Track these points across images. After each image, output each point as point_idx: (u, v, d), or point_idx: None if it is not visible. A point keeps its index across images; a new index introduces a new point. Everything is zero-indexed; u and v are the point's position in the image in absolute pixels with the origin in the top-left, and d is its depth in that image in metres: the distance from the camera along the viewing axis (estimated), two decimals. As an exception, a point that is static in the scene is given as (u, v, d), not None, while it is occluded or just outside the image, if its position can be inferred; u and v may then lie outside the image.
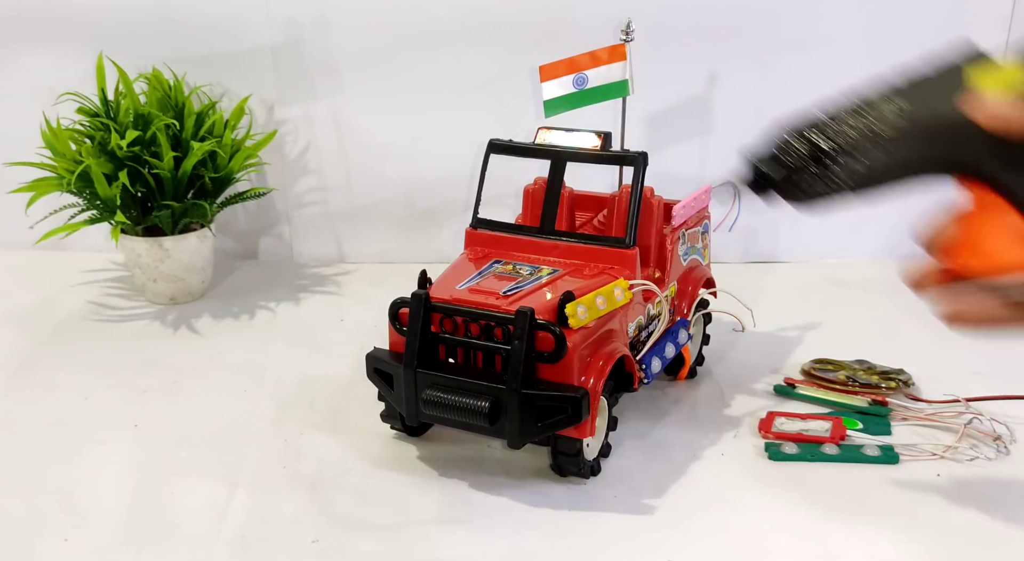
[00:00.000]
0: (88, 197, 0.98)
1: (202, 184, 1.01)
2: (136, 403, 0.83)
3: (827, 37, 1.08)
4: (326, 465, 0.74)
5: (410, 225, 1.17)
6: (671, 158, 1.10)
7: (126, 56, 1.04)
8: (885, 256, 1.13)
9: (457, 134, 1.10)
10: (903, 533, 0.65)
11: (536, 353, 0.66)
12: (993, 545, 0.64)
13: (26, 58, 1.11)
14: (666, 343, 0.78)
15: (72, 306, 1.03)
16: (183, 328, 0.98)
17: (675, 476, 0.72)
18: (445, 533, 0.66)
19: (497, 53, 1.09)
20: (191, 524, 0.67)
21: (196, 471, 0.73)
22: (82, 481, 0.72)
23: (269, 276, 1.13)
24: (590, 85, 0.83)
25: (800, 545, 0.64)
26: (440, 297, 0.70)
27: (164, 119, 0.97)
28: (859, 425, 0.77)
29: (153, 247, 1.00)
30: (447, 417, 0.67)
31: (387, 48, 1.09)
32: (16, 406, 0.83)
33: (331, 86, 1.11)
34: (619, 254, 0.75)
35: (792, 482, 0.71)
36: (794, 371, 0.87)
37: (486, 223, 0.80)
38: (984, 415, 0.77)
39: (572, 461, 0.70)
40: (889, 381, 0.83)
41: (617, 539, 0.65)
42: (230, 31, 1.09)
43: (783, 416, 0.78)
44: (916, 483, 0.71)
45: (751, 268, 1.15)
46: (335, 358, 0.90)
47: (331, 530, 0.66)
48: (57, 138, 0.98)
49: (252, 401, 0.84)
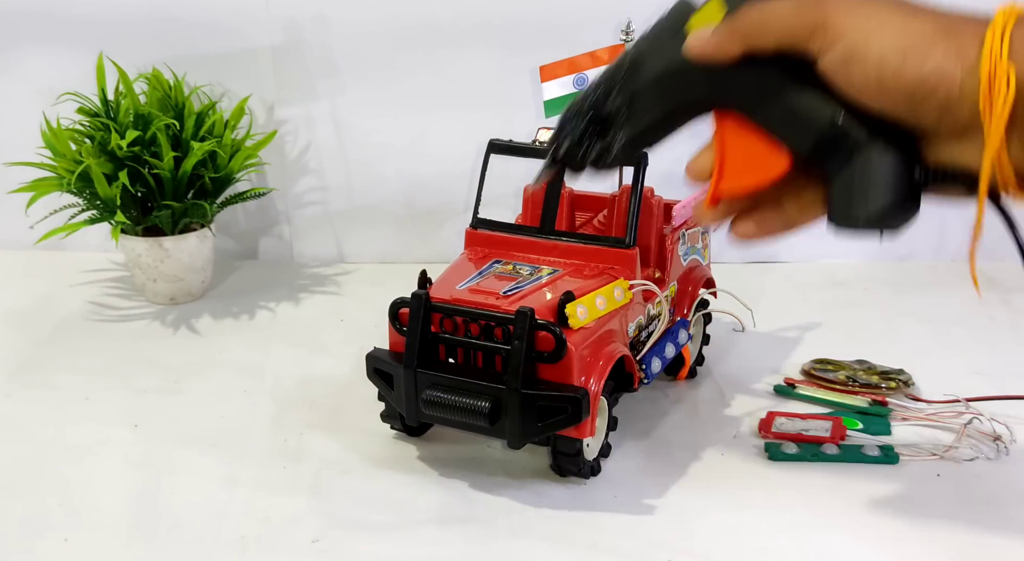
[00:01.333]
0: (88, 197, 0.98)
1: (202, 184, 1.01)
2: (136, 403, 0.83)
3: None
4: (326, 465, 0.74)
5: (410, 225, 1.17)
6: (671, 158, 1.10)
7: (126, 56, 1.04)
8: (885, 256, 1.13)
9: (457, 134, 1.10)
10: (903, 533, 0.65)
11: (536, 353, 0.66)
12: (993, 545, 0.64)
13: (26, 58, 1.11)
14: (666, 343, 0.78)
15: (72, 306, 1.03)
16: (183, 328, 0.98)
17: (675, 476, 0.72)
18: (445, 533, 0.66)
19: (497, 53, 1.09)
20: (191, 524, 0.67)
21: (196, 471, 0.73)
22: (82, 481, 0.72)
23: (269, 276, 1.13)
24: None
25: (800, 545, 0.64)
26: (440, 297, 0.70)
27: (164, 119, 0.97)
28: (859, 425, 0.77)
29: (153, 247, 1.00)
30: (447, 417, 0.67)
31: (387, 48, 1.09)
32: (16, 406, 0.83)
33: (331, 86, 1.11)
34: (619, 254, 0.75)
35: (792, 482, 0.71)
36: (794, 371, 0.87)
37: (486, 223, 0.80)
38: (984, 415, 0.77)
39: (572, 461, 0.70)
40: (889, 381, 0.83)
41: (617, 539, 0.65)
42: (230, 31, 1.09)
43: (783, 416, 0.78)
44: (916, 483, 0.71)
45: (751, 268, 1.15)
46: (335, 358, 0.90)
47: (331, 530, 0.66)
48: (57, 138, 0.98)
49: (252, 401, 0.84)
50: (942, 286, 1.08)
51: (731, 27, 0.49)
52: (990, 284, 1.06)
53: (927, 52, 0.44)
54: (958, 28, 0.45)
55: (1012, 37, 0.43)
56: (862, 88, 0.46)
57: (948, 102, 0.44)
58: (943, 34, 0.45)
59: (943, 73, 0.44)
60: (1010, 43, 0.43)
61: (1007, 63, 0.43)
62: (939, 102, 0.44)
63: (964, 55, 0.44)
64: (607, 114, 0.53)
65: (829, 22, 0.46)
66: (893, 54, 0.45)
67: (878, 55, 0.45)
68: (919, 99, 0.45)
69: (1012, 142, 0.44)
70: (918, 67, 0.44)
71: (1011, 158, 0.44)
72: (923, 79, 0.44)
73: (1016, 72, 0.43)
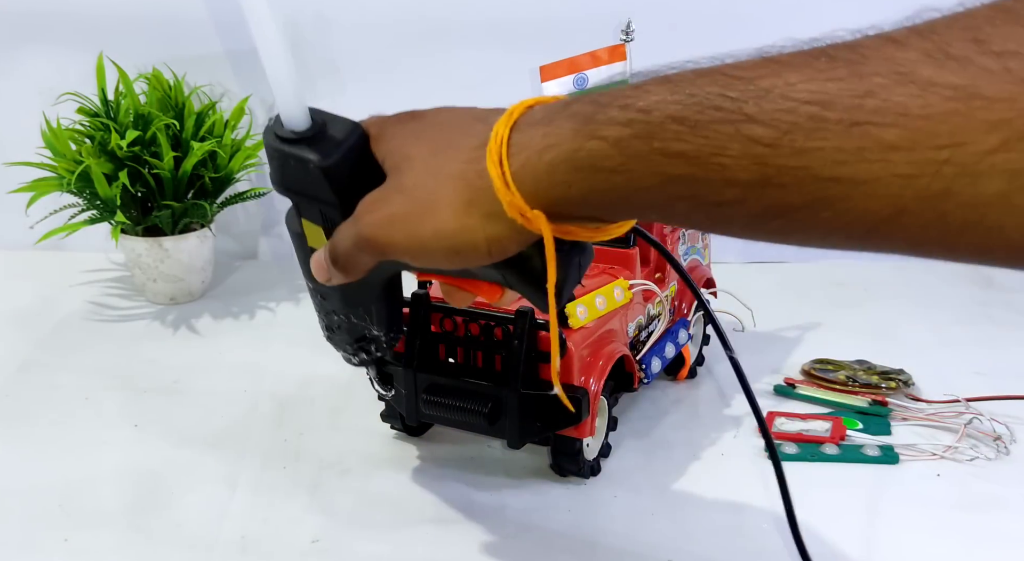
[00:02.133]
0: (88, 197, 0.98)
1: (202, 184, 1.01)
2: (136, 403, 0.83)
3: (827, 37, 1.07)
4: (326, 465, 0.74)
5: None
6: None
7: (126, 56, 1.04)
8: (885, 256, 1.13)
9: (457, 134, 1.10)
10: (903, 533, 0.65)
11: (536, 353, 0.66)
12: (993, 545, 0.64)
13: (26, 58, 1.11)
14: (666, 343, 0.78)
15: (72, 306, 1.03)
16: (183, 328, 0.98)
17: (675, 476, 0.72)
18: (445, 533, 0.66)
19: (497, 53, 1.09)
20: (191, 524, 0.67)
21: (196, 471, 0.73)
22: (82, 481, 0.72)
23: (269, 276, 1.13)
24: (590, 85, 0.82)
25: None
26: (440, 297, 0.70)
27: (164, 119, 0.97)
28: (859, 425, 0.77)
29: (153, 247, 1.00)
30: (447, 417, 0.67)
31: (387, 48, 1.09)
32: (16, 406, 0.83)
33: (331, 86, 1.11)
34: (619, 254, 0.75)
35: (792, 482, 0.71)
36: (794, 371, 0.87)
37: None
38: (984, 415, 0.77)
39: (572, 461, 0.70)
40: (889, 381, 0.83)
41: (617, 539, 0.65)
42: (230, 31, 1.09)
43: (783, 416, 0.78)
44: (916, 483, 0.71)
45: (751, 268, 1.15)
46: (335, 358, 0.89)
47: (331, 530, 0.66)
48: (57, 138, 0.98)
49: (252, 401, 0.84)
50: (942, 286, 1.08)
51: (332, 263, 0.50)
52: (990, 284, 1.06)
53: (428, 225, 0.44)
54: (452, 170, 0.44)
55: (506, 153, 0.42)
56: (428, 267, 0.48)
57: (489, 248, 0.44)
58: (436, 198, 0.44)
59: (459, 230, 0.44)
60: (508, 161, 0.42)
61: (514, 192, 0.42)
62: (479, 252, 0.44)
63: (478, 205, 0.43)
64: (352, 332, 0.59)
65: (365, 234, 0.47)
66: (407, 243, 0.45)
67: (402, 251, 0.46)
68: (467, 257, 0.45)
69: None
70: (436, 242, 0.44)
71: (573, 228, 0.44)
72: (454, 248, 0.44)
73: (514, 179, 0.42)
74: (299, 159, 0.48)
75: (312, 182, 0.48)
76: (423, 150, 0.46)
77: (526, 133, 0.42)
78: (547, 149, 0.41)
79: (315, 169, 0.48)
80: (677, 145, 0.36)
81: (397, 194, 0.46)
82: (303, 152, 0.48)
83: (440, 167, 0.45)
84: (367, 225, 0.47)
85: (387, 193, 0.47)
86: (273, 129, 0.49)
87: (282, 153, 0.48)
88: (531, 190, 0.41)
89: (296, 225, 0.53)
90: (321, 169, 0.47)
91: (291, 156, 0.48)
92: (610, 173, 0.39)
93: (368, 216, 0.47)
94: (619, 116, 0.38)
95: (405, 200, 0.46)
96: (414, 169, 0.46)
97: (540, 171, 0.41)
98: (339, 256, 0.49)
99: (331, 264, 0.50)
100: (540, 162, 0.41)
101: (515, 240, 0.44)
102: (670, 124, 0.37)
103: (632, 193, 0.39)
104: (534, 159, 0.41)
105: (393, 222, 0.46)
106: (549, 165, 0.41)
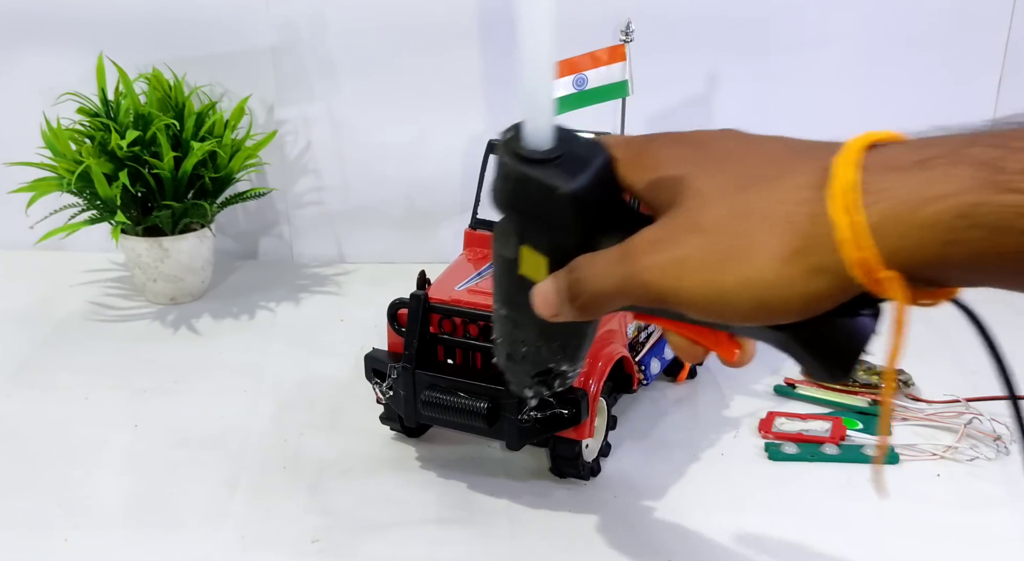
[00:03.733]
0: (88, 197, 0.98)
1: (202, 184, 1.01)
2: (136, 403, 0.83)
3: (827, 37, 1.07)
4: (326, 465, 0.74)
5: (409, 225, 1.16)
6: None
7: (126, 56, 1.04)
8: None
9: (457, 134, 1.10)
10: (903, 533, 0.65)
11: (536, 353, 0.66)
12: (992, 545, 0.64)
13: (26, 58, 1.11)
14: (665, 344, 0.78)
15: (72, 306, 1.03)
16: (183, 328, 0.98)
17: (675, 476, 0.72)
18: (445, 533, 0.66)
19: (497, 53, 1.09)
20: (191, 524, 0.67)
21: (196, 471, 0.73)
22: (82, 481, 0.72)
23: (269, 276, 1.13)
24: (590, 86, 0.82)
25: (800, 545, 0.64)
26: (439, 298, 0.70)
27: (164, 119, 0.97)
28: (859, 425, 0.77)
29: (153, 247, 1.00)
30: (446, 418, 0.67)
31: (387, 48, 1.09)
32: (16, 406, 0.83)
33: (331, 86, 1.11)
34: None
35: (792, 482, 0.71)
36: (794, 371, 0.87)
37: (485, 224, 0.80)
38: (984, 415, 0.77)
39: (571, 464, 0.70)
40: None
41: (617, 539, 0.65)
42: (230, 31, 1.09)
43: (783, 416, 0.78)
44: (916, 483, 0.71)
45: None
46: (335, 358, 0.90)
47: (331, 530, 0.66)
48: (57, 138, 0.98)
49: (252, 401, 0.84)
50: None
51: (568, 301, 0.44)
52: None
53: (747, 272, 0.38)
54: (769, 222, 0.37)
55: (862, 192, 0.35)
56: (711, 318, 0.40)
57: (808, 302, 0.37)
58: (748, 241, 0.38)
59: (776, 283, 0.37)
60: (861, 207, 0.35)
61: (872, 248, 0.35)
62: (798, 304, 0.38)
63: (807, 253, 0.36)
64: (537, 364, 0.51)
65: (644, 278, 0.40)
66: (700, 292, 0.39)
67: (689, 301, 0.39)
68: (772, 314, 0.38)
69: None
70: (741, 293, 0.38)
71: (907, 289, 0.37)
72: (762, 302, 0.38)
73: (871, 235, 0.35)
74: (543, 184, 0.42)
75: (554, 210, 0.43)
76: (721, 183, 0.40)
77: (887, 178, 0.35)
78: (930, 201, 0.34)
79: (562, 196, 0.42)
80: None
81: (692, 234, 0.39)
82: (549, 177, 0.42)
83: (752, 206, 0.38)
84: (647, 268, 0.40)
85: (675, 232, 0.40)
86: (511, 145, 0.43)
87: (522, 175, 0.43)
88: (893, 247, 0.35)
89: (509, 250, 0.46)
90: (570, 198, 0.42)
91: (533, 180, 0.42)
92: (1020, 234, 0.33)
93: (648, 257, 0.40)
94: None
95: (705, 243, 0.39)
96: (713, 205, 0.39)
97: (912, 226, 0.34)
98: (586, 294, 0.42)
99: (568, 301, 0.43)
100: (915, 216, 0.34)
101: (835, 300, 0.37)
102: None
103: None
104: (905, 212, 0.34)
105: (686, 266, 0.39)
106: (930, 220, 0.34)
